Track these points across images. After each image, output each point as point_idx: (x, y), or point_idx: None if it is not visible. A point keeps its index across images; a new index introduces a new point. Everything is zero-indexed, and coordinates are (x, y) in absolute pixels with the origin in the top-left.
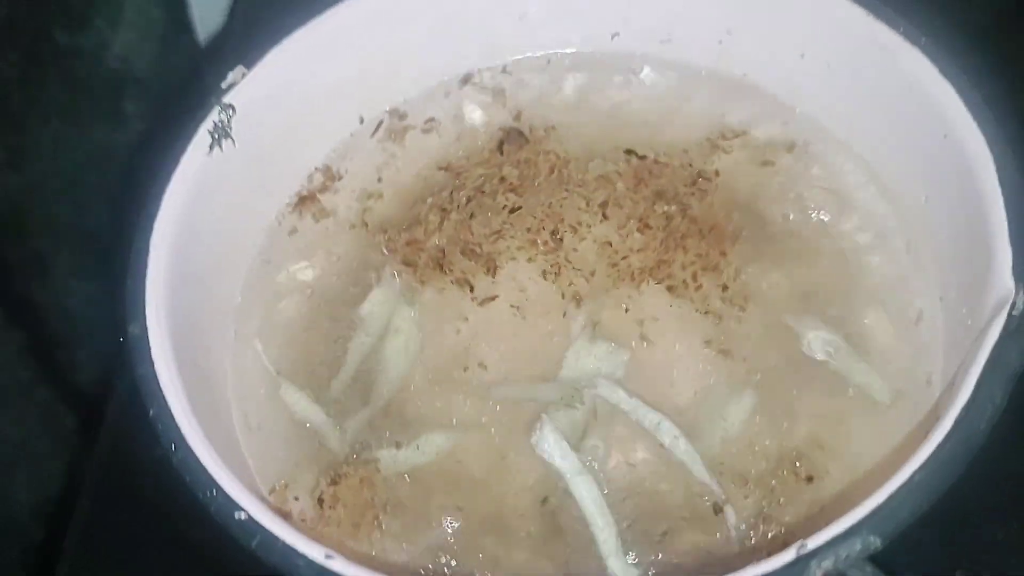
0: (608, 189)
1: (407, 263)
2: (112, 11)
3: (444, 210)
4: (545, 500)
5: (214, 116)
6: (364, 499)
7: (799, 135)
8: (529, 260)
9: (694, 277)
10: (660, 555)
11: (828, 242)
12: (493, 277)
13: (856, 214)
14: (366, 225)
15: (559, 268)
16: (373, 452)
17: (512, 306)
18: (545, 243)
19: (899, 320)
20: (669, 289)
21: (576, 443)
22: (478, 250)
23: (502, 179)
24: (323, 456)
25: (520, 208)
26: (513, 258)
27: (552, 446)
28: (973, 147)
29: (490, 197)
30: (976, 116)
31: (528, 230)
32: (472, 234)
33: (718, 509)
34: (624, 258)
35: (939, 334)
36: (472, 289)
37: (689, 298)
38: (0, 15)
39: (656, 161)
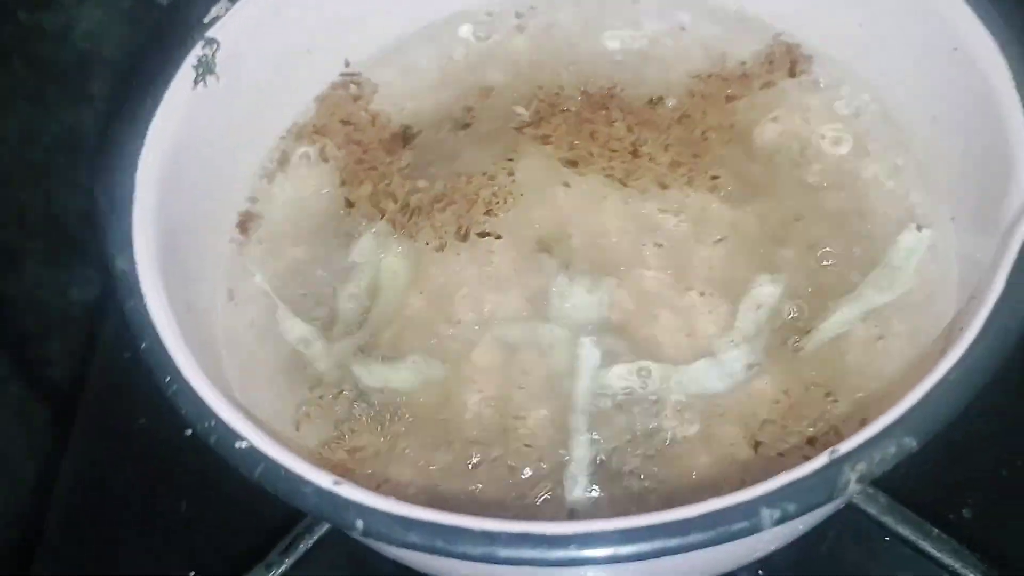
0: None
1: (394, 207)
2: None
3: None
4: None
5: (197, 51)
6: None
7: (796, 60)
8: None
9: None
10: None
11: (833, 167)
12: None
13: (860, 137)
14: (356, 167)
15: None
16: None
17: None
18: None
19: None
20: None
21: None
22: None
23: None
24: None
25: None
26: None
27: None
28: (986, 57)
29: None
30: (987, 24)
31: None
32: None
33: None
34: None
35: (951, 255)
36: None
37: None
38: None
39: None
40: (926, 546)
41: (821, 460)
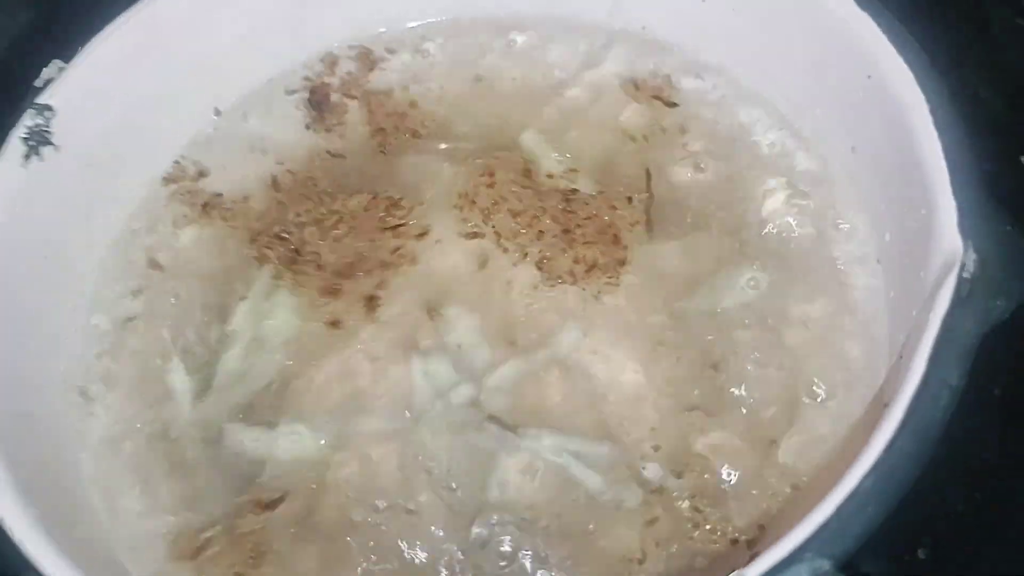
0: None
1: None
2: None
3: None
4: None
5: (27, 120)
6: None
7: (704, 89)
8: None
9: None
10: None
11: (743, 206)
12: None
13: (772, 170)
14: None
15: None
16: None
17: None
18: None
19: (833, 289)
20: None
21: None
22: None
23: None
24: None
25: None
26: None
27: None
28: (901, 87)
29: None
30: (902, 51)
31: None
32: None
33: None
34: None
35: (880, 302)
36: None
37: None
38: None
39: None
40: None
41: None
